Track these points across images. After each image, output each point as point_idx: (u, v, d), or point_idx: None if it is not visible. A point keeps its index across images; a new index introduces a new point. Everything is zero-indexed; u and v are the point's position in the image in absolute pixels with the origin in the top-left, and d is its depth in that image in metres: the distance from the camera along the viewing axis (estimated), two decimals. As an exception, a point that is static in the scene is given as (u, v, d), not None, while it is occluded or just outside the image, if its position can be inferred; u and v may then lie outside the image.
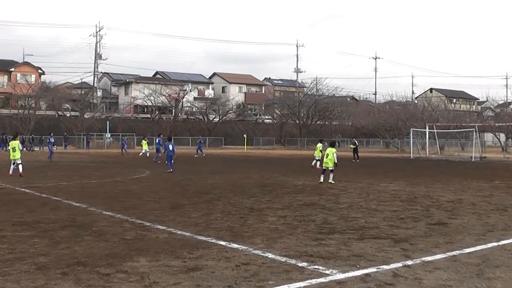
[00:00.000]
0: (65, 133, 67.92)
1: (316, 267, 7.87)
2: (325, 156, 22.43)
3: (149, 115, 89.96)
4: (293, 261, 8.18)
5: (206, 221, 11.83)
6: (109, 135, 73.76)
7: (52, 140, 42.42)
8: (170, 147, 28.05)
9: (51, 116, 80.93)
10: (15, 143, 25.07)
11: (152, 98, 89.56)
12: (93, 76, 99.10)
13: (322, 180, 22.00)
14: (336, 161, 21.92)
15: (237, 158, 46.66)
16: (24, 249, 8.96)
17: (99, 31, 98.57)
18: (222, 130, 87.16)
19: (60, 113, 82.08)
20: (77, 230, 10.72)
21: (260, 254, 8.63)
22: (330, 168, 22.04)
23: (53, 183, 21.47)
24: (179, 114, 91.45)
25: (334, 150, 22.09)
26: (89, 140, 68.52)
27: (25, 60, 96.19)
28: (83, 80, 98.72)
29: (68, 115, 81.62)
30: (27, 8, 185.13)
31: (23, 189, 18.74)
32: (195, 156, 48.42)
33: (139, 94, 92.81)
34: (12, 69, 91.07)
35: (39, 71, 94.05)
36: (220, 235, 10.17)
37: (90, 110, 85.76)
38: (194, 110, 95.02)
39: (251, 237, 10.07)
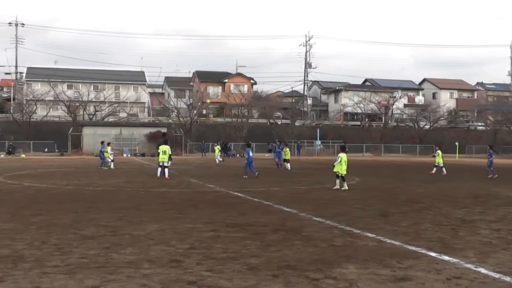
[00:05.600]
0: (277, 140, 69.78)
1: (534, 286, 7.39)
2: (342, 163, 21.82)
3: (358, 123, 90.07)
4: (507, 279, 7.71)
5: (416, 231, 11.60)
6: (319, 142, 74.86)
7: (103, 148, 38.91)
8: (250, 153, 28.78)
9: (263, 124, 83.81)
10: (166, 147, 26.99)
11: (361, 105, 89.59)
12: (303, 84, 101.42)
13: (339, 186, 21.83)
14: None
15: (447, 167, 45.20)
16: (237, 249, 9.38)
17: (309, 40, 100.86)
18: (433, 138, 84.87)
19: (271, 121, 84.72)
20: (287, 234, 11.00)
21: (472, 268, 8.28)
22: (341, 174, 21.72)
23: (264, 188, 22.21)
24: (389, 122, 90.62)
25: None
26: (300, 147, 69.83)
27: (238, 71, 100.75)
28: (293, 89, 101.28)
29: (279, 123, 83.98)
30: (240, 23, 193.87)
31: (236, 193, 19.62)
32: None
33: (348, 101, 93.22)
34: (226, 80, 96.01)
35: (251, 81, 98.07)
36: (431, 246, 9.91)
37: (301, 117, 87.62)
38: (404, 117, 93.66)
39: (463, 249, 9.70)
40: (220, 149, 49.19)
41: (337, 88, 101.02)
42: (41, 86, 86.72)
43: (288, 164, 36.61)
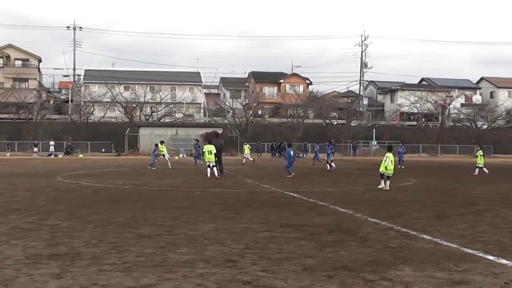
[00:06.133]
0: (330, 140, 69.56)
1: None
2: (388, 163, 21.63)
3: (415, 123, 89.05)
4: None
5: (473, 234, 11.39)
6: (375, 142, 74.29)
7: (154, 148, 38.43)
8: (292, 153, 29.01)
9: (319, 124, 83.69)
10: (211, 147, 27.01)
11: (418, 105, 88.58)
12: (359, 84, 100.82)
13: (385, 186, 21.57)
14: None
15: (506, 168, 44.30)
16: (292, 250, 9.37)
17: (364, 40, 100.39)
18: (491, 138, 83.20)
19: (327, 121, 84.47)
20: (343, 235, 10.94)
21: (531, 272, 8.10)
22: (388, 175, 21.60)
23: (320, 188, 22.15)
24: (446, 121, 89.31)
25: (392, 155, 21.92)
26: (355, 147, 69.34)
27: (293, 72, 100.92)
28: (349, 89, 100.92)
29: (335, 123, 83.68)
30: (295, 23, 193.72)
31: (291, 194, 19.60)
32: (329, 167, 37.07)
33: (404, 101, 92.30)
34: (281, 81, 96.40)
35: (307, 81, 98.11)
36: (488, 249, 9.71)
37: (356, 118, 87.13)
38: (461, 116, 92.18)
39: (522, 253, 9.49)
40: (250, 147, 50.54)
41: (393, 88, 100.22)
42: (98, 88, 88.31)
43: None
